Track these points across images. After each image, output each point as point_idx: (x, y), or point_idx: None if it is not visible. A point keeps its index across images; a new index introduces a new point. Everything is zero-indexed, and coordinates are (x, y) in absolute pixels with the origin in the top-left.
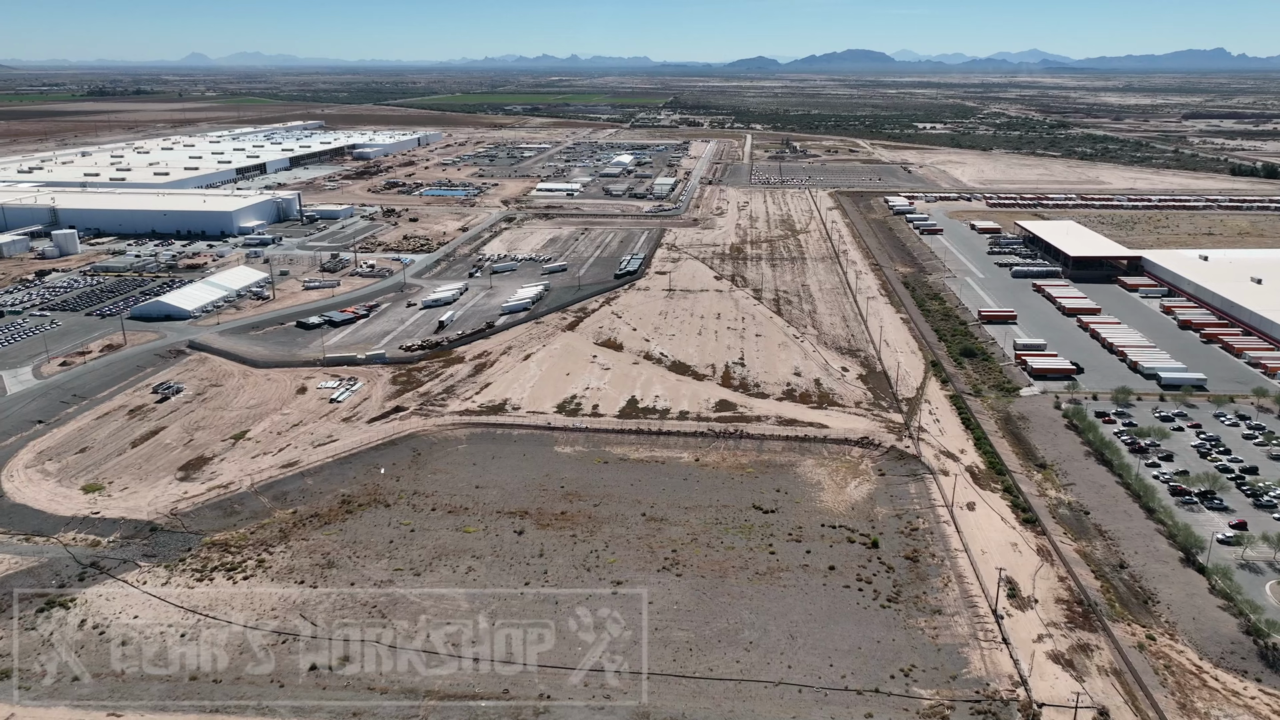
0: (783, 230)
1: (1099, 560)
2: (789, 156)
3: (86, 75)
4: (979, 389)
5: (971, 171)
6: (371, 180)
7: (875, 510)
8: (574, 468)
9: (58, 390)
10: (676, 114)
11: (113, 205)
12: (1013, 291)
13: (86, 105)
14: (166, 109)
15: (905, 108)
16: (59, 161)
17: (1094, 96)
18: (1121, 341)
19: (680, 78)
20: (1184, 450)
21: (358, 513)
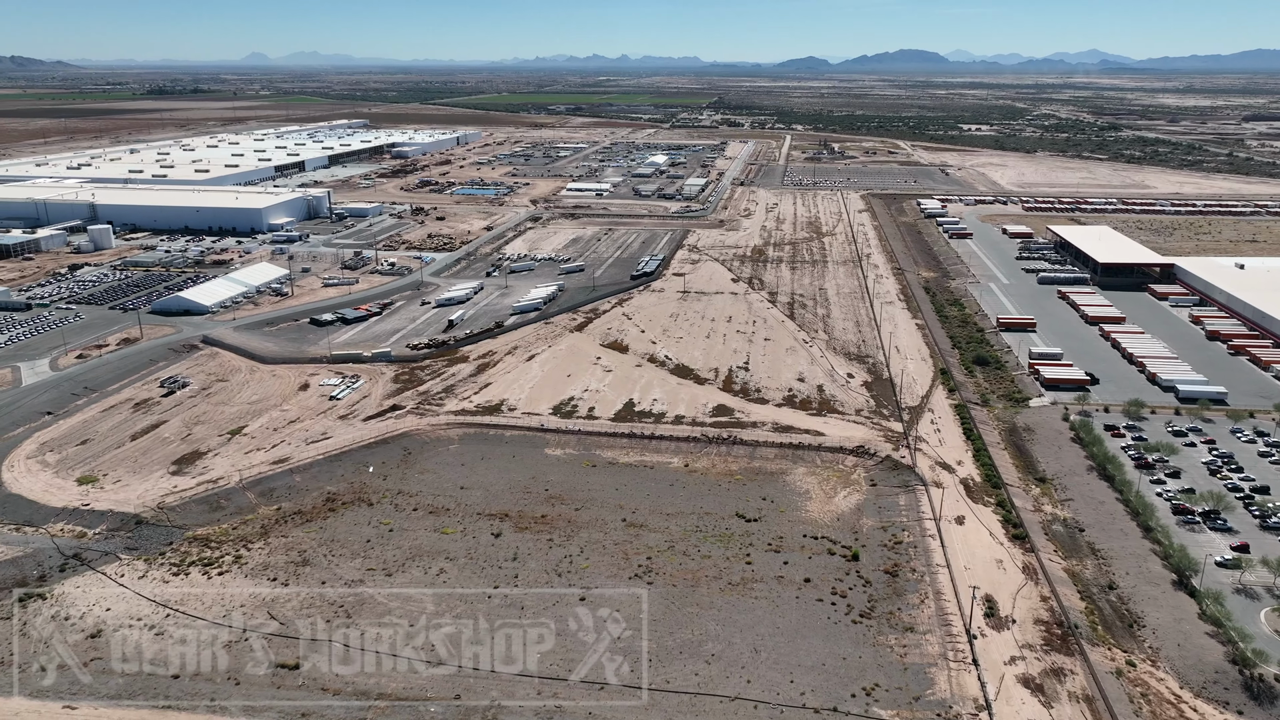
0: (808, 233)
1: (1087, 580)
2: (826, 158)
3: (149, 75)
4: (987, 398)
5: (1011, 174)
6: (406, 179)
7: (861, 522)
8: (561, 470)
9: (70, 382)
10: (718, 114)
11: (149, 201)
12: (1036, 298)
13: (145, 104)
14: (219, 107)
15: (952, 109)
16: (108, 158)
17: (1151, 98)
18: (1142, 352)
19: (728, 78)
20: (1193, 467)
21: (340, 511)
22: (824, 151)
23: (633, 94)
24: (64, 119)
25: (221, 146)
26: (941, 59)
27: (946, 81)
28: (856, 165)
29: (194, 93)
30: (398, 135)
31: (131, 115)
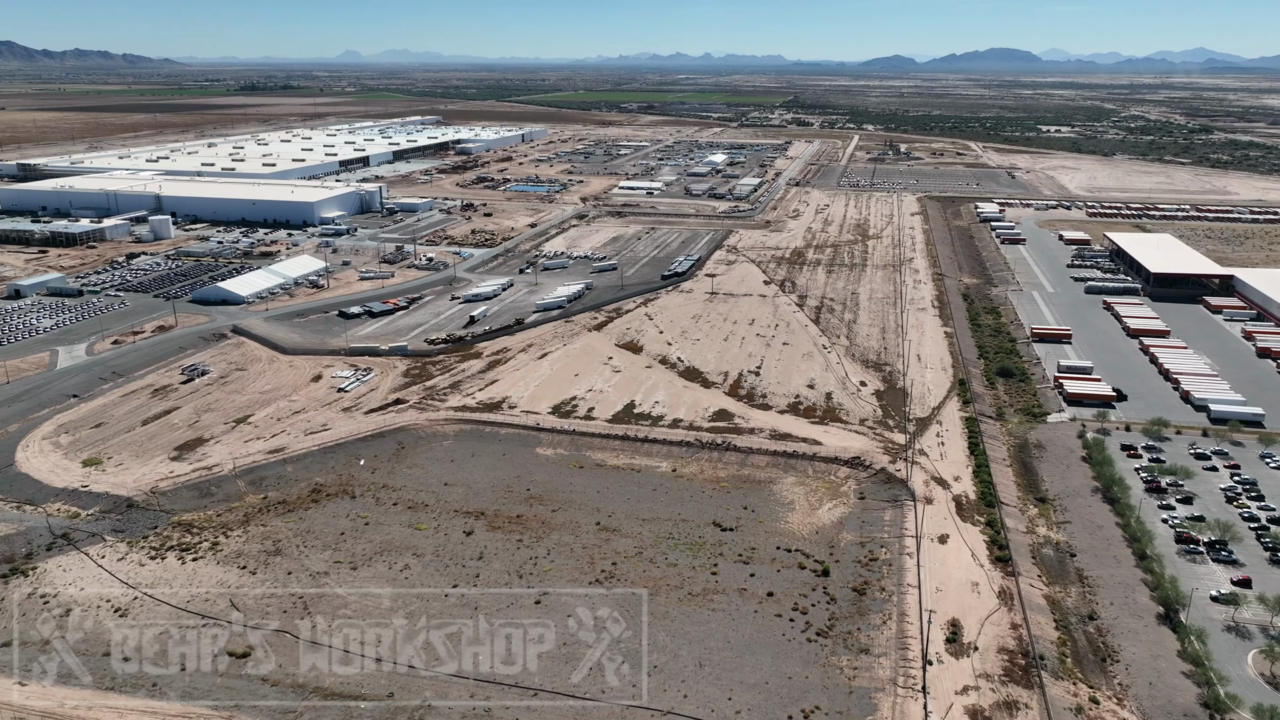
0: (853, 235)
1: (1067, 609)
2: (890, 159)
3: (247, 72)
4: (1003, 412)
5: (1082, 178)
6: (463, 175)
7: (840, 536)
8: (548, 470)
9: (100, 367)
10: (789, 113)
11: (209, 194)
12: (1079, 308)
13: (236, 99)
14: (303, 103)
15: (1035, 109)
16: (185, 151)
17: (1255, 99)
18: (1178, 368)
19: (810, 76)
20: (1209, 493)
21: (323, 502)
22: (889, 152)
23: (708, 92)
24: (157, 114)
25: (294, 141)
26: (1034, 58)
27: (1035, 81)
28: (921, 167)
29: (283, 89)
30: (465, 132)
31: (220, 110)
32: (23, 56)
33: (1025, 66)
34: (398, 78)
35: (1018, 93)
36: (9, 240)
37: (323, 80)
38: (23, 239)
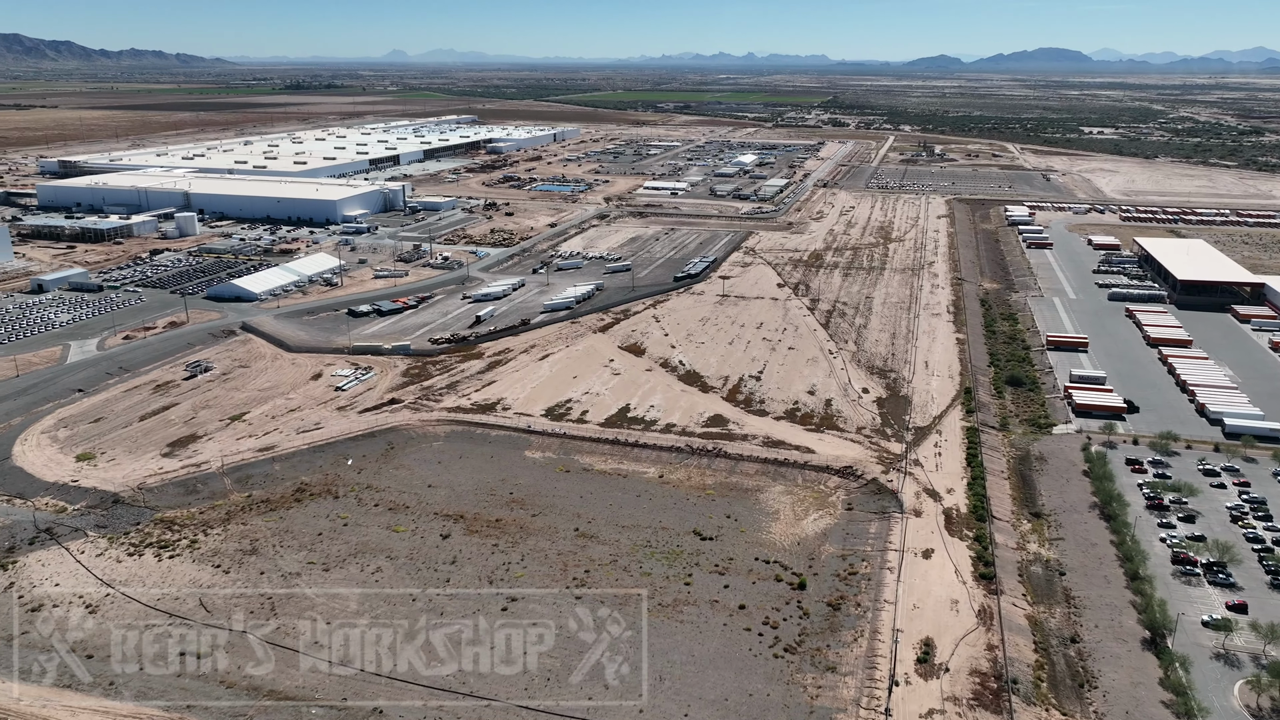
0: (875, 238)
1: (1049, 630)
2: (923, 160)
3: (295, 71)
4: (1007, 422)
5: (1120, 181)
6: (490, 174)
7: (822, 548)
8: (533, 474)
9: (108, 362)
10: (827, 114)
11: (237, 191)
12: (1100, 316)
13: (280, 98)
14: (343, 102)
15: (1079, 111)
16: (221, 149)
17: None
18: (1196, 379)
19: (852, 76)
20: (1214, 511)
21: (306, 502)
22: (922, 153)
23: (746, 92)
24: (200, 112)
25: (328, 140)
26: (1084, 58)
27: (1082, 81)
28: (954, 168)
29: (326, 88)
30: (497, 131)
31: (262, 109)
32: (81, 56)
33: (1075, 67)
34: (440, 77)
35: (1063, 93)
36: (41, 235)
37: (366, 80)
38: (54, 234)
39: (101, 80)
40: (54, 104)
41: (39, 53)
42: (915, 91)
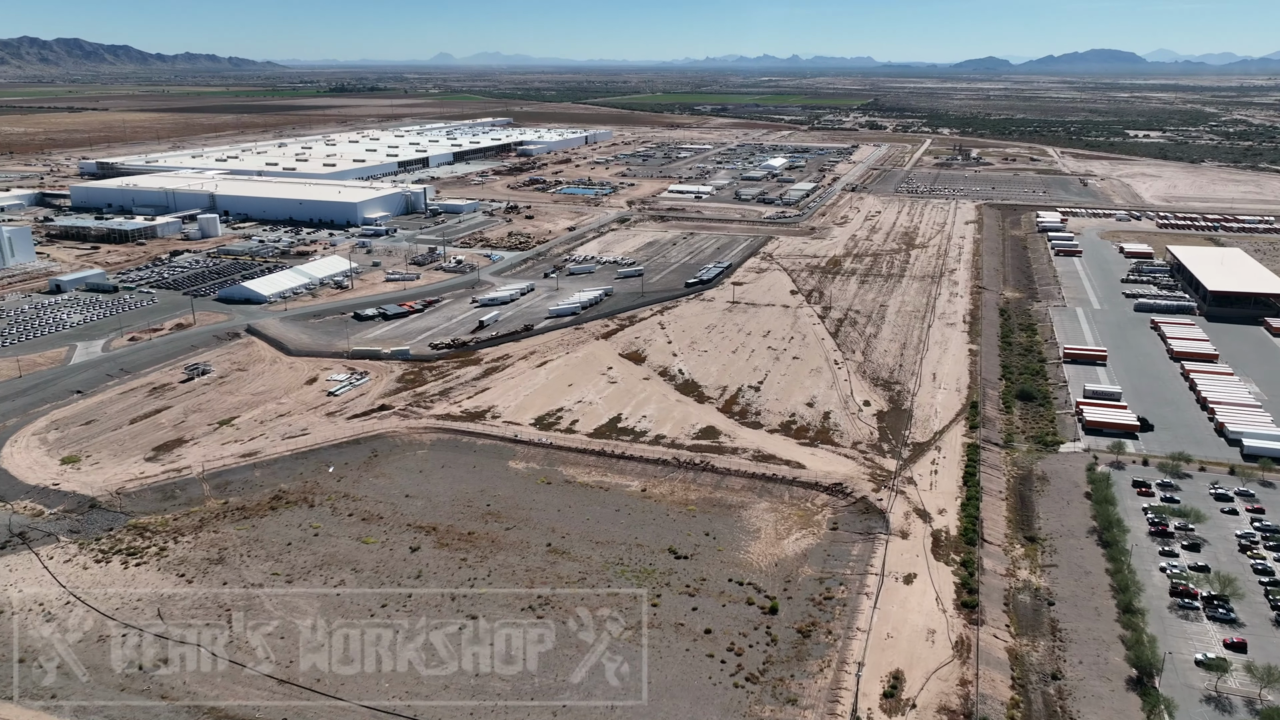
0: (898, 244)
1: (1030, 665)
2: (958, 164)
3: (342, 74)
4: (1011, 439)
5: (1160, 186)
6: (516, 177)
7: (800, 570)
8: (514, 485)
9: (110, 363)
10: (865, 116)
11: (261, 193)
12: (1124, 328)
13: (323, 101)
14: (384, 104)
15: (1126, 113)
16: (255, 151)
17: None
18: (1217, 396)
19: (897, 78)
20: (1223, 539)
21: (281, 510)
22: (957, 157)
23: (787, 95)
24: (243, 115)
25: (362, 142)
26: (1138, 60)
27: (1133, 84)
28: (989, 173)
29: (370, 91)
30: (529, 134)
31: (303, 111)
32: (138, 60)
33: (1127, 68)
34: (483, 80)
35: (1113, 96)
36: (69, 236)
37: (411, 82)
38: (80, 235)
39: (154, 84)
40: (105, 106)
41: (98, 57)
42: (958, 94)
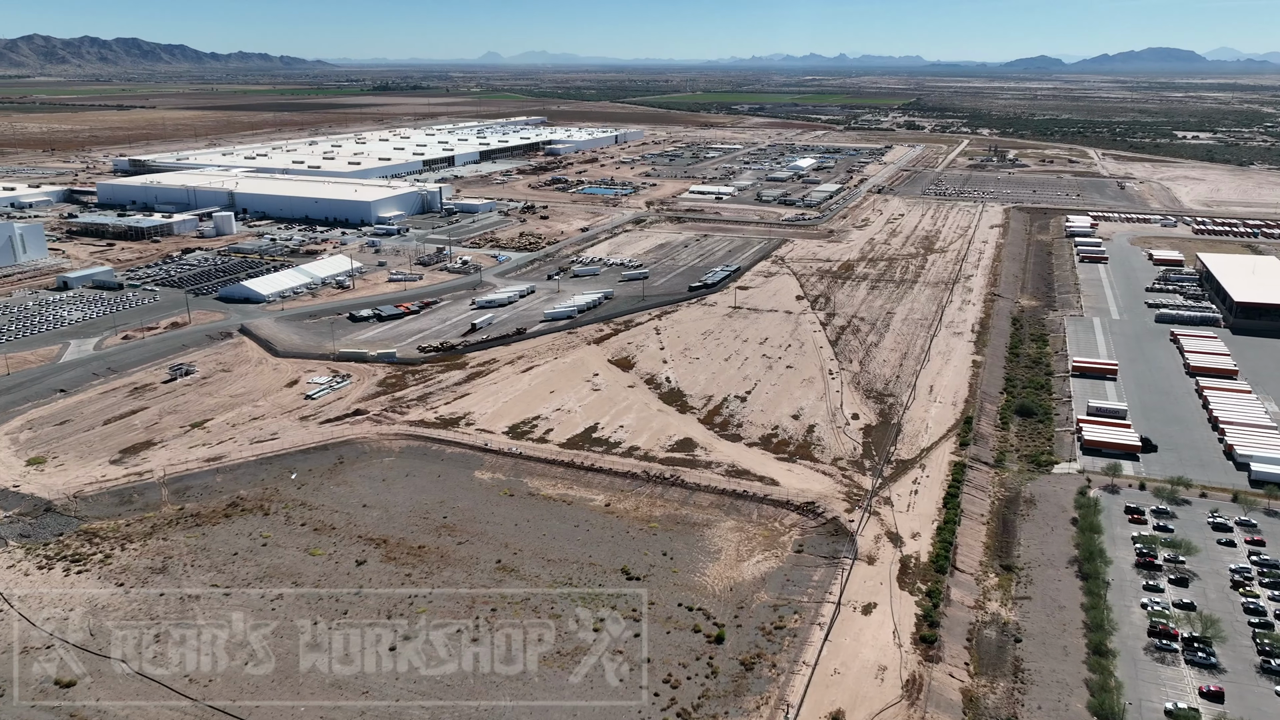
0: (916, 248)
1: (984, 709)
2: (991, 165)
3: (390, 73)
4: (1003, 458)
5: (1203, 190)
6: (539, 176)
7: (756, 596)
8: (475, 497)
9: (99, 362)
10: (905, 116)
11: (279, 191)
12: (1141, 340)
13: (365, 99)
14: (423, 103)
15: (1178, 114)
16: (285, 149)
17: None
18: (1230, 416)
19: (944, 78)
20: (1214, 573)
21: (235, 518)
22: (992, 158)
23: (828, 94)
24: (282, 113)
25: (392, 140)
26: (1197, 58)
27: (1190, 83)
28: (1023, 174)
29: (413, 89)
30: (559, 133)
31: (342, 110)
32: (193, 59)
33: (1186, 67)
34: (526, 79)
35: (1166, 95)
36: (87, 233)
37: (455, 81)
38: (99, 232)
39: (206, 82)
40: (153, 105)
41: (155, 56)
42: (1005, 93)
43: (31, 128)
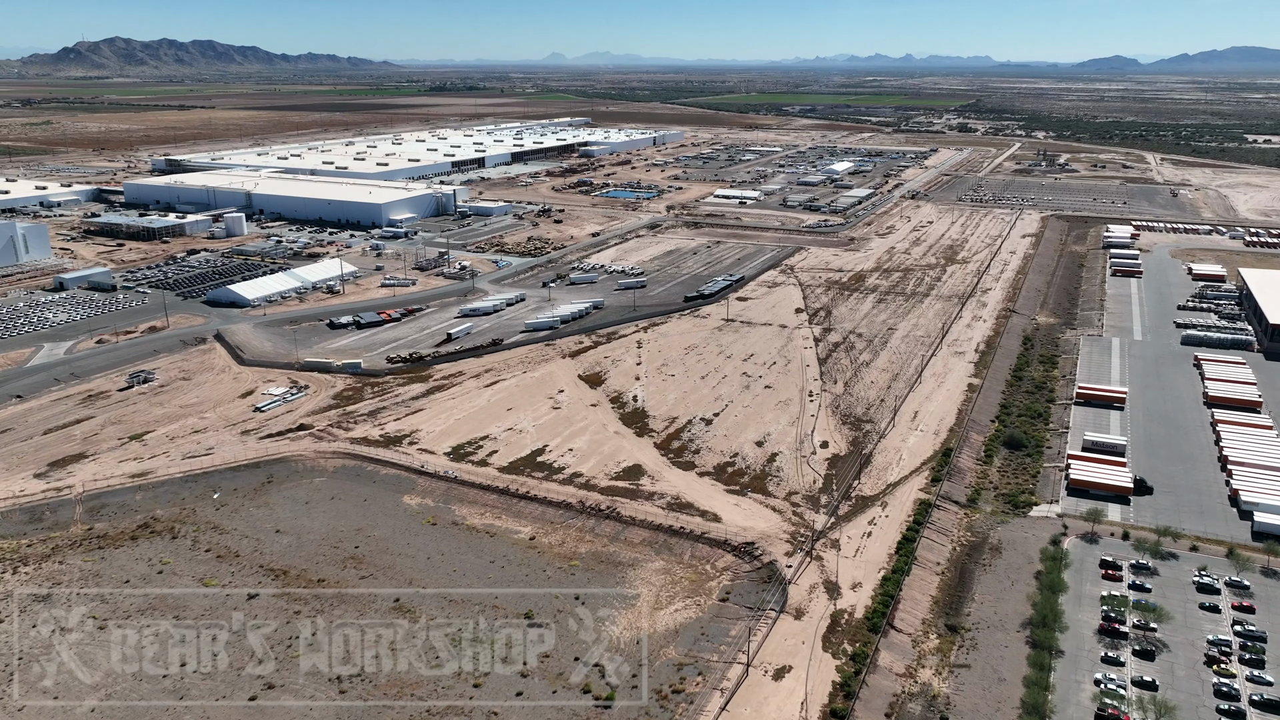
0: (937, 258)
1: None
2: (1038, 170)
3: (455, 73)
4: (978, 496)
5: (1263, 198)
6: (565, 178)
7: (663, 651)
8: (396, 525)
9: (64, 368)
10: (959, 118)
11: (295, 193)
12: (1161, 364)
13: (418, 100)
14: (473, 104)
15: (1253, 116)
16: (320, 149)
17: None
18: (1242, 455)
19: (1010, 79)
20: (1189, 645)
21: (141, 540)
22: (1040, 163)
23: (885, 95)
24: (334, 113)
25: (427, 140)
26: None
27: (1272, 83)
28: (1071, 180)
29: (469, 90)
30: (598, 134)
31: (392, 110)
32: (264, 60)
33: (1271, 67)
34: (584, 79)
35: (1245, 96)
36: (101, 232)
37: (514, 82)
38: (113, 231)
39: (272, 83)
40: (213, 105)
41: (228, 57)
42: (1070, 95)
43: (92, 127)
